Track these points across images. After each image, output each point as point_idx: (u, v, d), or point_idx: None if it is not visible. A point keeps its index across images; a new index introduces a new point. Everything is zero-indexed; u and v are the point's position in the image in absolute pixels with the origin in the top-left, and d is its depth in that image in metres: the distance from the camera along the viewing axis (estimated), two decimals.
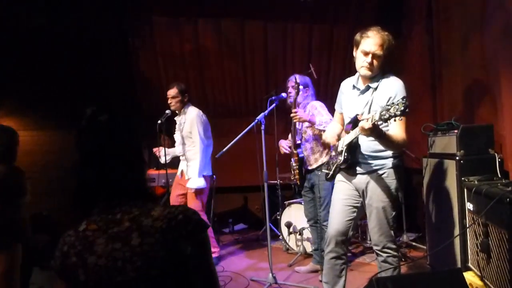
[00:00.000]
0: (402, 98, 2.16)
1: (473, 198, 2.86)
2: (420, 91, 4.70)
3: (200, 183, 4.11)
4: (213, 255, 4.29)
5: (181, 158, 4.35)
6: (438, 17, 4.36)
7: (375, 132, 2.31)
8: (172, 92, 4.28)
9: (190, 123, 4.19)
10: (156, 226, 1.18)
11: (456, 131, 3.17)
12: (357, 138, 2.55)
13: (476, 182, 2.88)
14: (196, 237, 1.20)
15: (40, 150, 5.23)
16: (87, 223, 1.24)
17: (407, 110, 2.42)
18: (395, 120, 2.17)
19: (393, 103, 2.16)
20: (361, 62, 2.61)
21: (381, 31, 2.57)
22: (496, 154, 3.08)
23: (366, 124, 2.28)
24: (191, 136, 4.19)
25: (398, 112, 2.11)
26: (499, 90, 3.30)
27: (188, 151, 4.23)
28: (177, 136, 4.38)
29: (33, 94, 5.27)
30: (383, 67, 2.62)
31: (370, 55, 2.56)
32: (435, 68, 4.49)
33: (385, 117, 2.16)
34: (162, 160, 4.29)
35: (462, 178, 3.05)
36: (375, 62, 2.57)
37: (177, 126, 4.34)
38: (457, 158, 3.11)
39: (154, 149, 4.41)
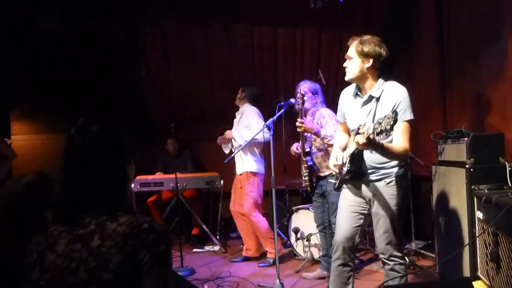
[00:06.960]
0: (393, 112, 2.11)
1: (483, 207, 2.84)
2: (430, 98, 4.67)
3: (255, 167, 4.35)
4: (271, 256, 4.30)
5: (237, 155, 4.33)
6: (449, 24, 4.34)
7: (371, 145, 2.29)
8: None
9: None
10: (119, 230, 1.19)
11: (466, 139, 3.15)
12: (358, 149, 2.52)
13: (486, 191, 2.86)
14: (156, 248, 1.19)
15: (50, 153, 5.28)
16: (58, 226, 1.27)
17: (409, 119, 2.48)
18: (387, 135, 2.14)
19: (385, 116, 2.13)
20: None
21: (361, 37, 2.59)
22: (506, 163, 3.04)
23: (360, 139, 2.26)
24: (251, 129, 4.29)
25: (388, 127, 2.08)
26: (510, 98, 3.28)
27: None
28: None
29: (43, 97, 5.34)
30: (379, 72, 2.59)
31: (347, 60, 2.63)
32: (445, 75, 4.46)
33: (377, 131, 2.14)
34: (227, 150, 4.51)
35: (472, 187, 3.02)
36: (350, 64, 2.60)
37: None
38: (467, 166, 3.08)
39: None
